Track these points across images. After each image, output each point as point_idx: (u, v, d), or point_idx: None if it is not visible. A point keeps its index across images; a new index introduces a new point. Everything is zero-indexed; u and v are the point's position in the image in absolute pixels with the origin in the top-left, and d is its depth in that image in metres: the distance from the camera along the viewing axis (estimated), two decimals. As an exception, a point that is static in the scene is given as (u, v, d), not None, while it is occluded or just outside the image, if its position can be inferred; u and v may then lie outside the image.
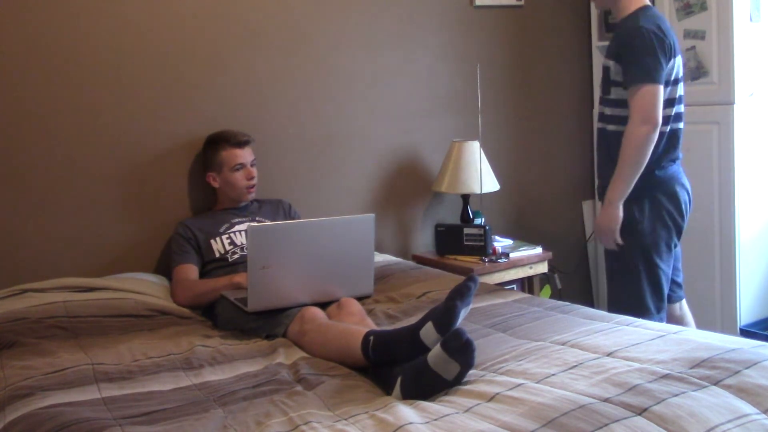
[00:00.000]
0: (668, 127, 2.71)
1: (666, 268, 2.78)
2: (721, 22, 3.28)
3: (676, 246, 2.81)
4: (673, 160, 2.76)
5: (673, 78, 2.68)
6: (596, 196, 2.95)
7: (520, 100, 3.82)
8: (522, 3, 3.78)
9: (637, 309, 2.72)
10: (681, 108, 2.76)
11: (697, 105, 3.35)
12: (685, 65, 3.17)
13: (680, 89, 2.73)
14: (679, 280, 2.93)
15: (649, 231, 2.73)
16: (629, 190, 2.68)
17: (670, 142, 2.73)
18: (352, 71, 3.32)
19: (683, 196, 2.76)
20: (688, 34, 3.41)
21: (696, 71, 3.40)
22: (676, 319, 2.93)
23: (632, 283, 2.76)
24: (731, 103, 3.29)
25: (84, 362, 2.03)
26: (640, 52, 2.60)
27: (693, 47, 3.39)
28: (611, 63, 2.71)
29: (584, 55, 3.98)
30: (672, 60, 2.65)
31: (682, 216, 2.77)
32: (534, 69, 3.86)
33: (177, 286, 2.65)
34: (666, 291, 2.80)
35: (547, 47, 3.89)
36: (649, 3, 2.72)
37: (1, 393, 1.86)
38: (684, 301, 2.97)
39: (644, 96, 2.59)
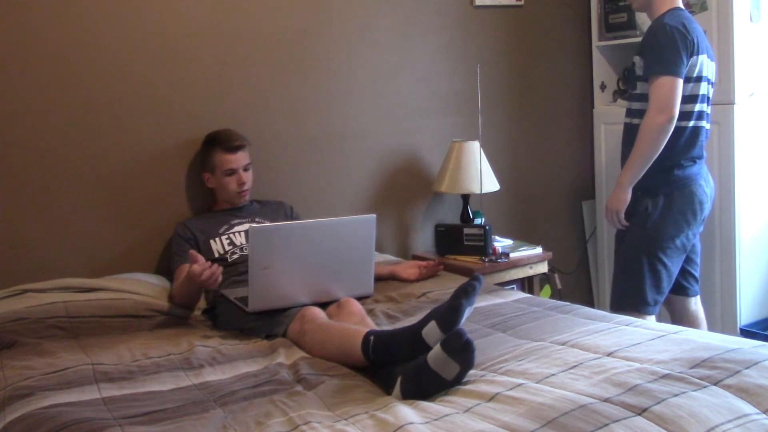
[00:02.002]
0: (690, 123, 2.78)
1: (670, 264, 2.83)
2: (721, 22, 3.28)
3: (686, 248, 2.86)
4: (694, 160, 2.82)
5: (696, 75, 2.75)
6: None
7: (520, 100, 3.82)
8: (522, 3, 3.78)
9: (636, 298, 2.84)
10: (705, 107, 2.83)
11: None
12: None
13: (704, 88, 2.79)
14: (697, 274, 3.01)
15: (658, 226, 2.80)
16: (639, 176, 2.79)
17: (690, 139, 2.80)
18: (353, 71, 3.32)
19: (701, 197, 2.82)
20: (689, 34, 3.41)
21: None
22: (691, 315, 2.98)
23: (634, 272, 2.86)
24: (731, 103, 3.29)
25: (84, 362, 2.03)
26: (660, 45, 2.70)
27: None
28: (637, 59, 2.83)
29: (584, 55, 3.98)
30: (695, 57, 2.72)
31: (695, 216, 2.82)
32: (534, 69, 3.86)
33: (173, 286, 2.65)
34: (666, 286, 2.86)
35: (547, 47, 3.89)
36: (680, 5, 2.82)
37: (1, 393, 1.86)
38: (698, 298, 3.01)
39: (662, 86, 2.68)
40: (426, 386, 1.76)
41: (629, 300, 2.85)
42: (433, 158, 3.54)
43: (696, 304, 3.02)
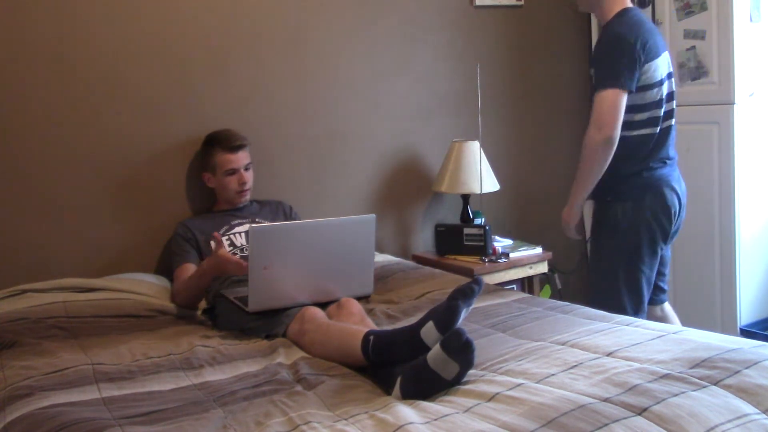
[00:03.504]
0: (657, 129, 2.66)
1: (647, 270, 2.73)
2: (721, 22, 3.28)
3: (662, 249, 2.75)
4: (663, 161, 2.70)
5: (657, 80, 2.63)
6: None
7: (520, 100, 3.82)
8: (522, 3, 3.78)
9: (615, 309, 2.65)
10: (672, 105, 2.71)
11: (697, 105, 3.35)
12: (681, 64, 3.18)
13: (666, 87, 2.67)
14: (663, 285, 2.89)
15: (630, 233, 2.69)
16: (588, 193, 2.71)
17: (659, 142, 2.68)
18: (353, 71, 3.33)
19: (672, 199, 2.69)
20: (688, 34, 3.41)
21: (696, 71, 3.40)
22: (656, 320, 2.90)
23: (610, 283, 2.74)
24: (731, 103, 3.29)
25: (84, 362, 2.03)
26: (605, 58, 2.60)
27: (693, 47, 3.39)
28: (592, 71, 2.71)
29: (584, 55, 3.98)
30: (651, 62, 2.60)
31: (669, 219, 2.70)
32: (534, 69, 3.86)
33: (176, 286, 2.65)
34: (646, 292, 2.75)
35: (547, 47, 3.89)
36: (629, 5, 2.68)
37: (1, 393, 1.86)
38: (666, 303, 2.94)
39: (603, 100, 2.55)
40: (426, 386, 1.76)
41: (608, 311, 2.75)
42: (433, 158, 3.54)
43: (663, 310, 2.91)
